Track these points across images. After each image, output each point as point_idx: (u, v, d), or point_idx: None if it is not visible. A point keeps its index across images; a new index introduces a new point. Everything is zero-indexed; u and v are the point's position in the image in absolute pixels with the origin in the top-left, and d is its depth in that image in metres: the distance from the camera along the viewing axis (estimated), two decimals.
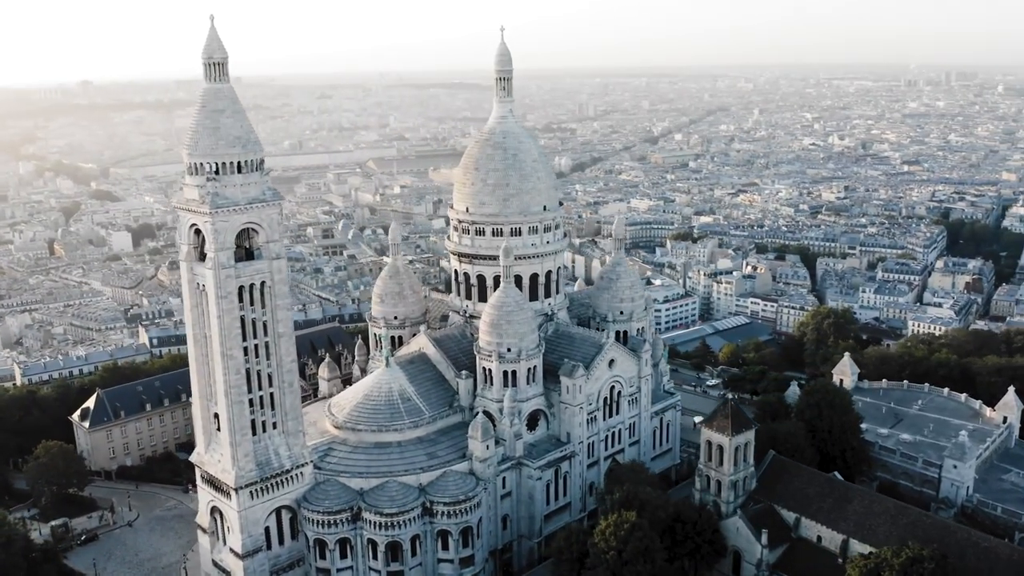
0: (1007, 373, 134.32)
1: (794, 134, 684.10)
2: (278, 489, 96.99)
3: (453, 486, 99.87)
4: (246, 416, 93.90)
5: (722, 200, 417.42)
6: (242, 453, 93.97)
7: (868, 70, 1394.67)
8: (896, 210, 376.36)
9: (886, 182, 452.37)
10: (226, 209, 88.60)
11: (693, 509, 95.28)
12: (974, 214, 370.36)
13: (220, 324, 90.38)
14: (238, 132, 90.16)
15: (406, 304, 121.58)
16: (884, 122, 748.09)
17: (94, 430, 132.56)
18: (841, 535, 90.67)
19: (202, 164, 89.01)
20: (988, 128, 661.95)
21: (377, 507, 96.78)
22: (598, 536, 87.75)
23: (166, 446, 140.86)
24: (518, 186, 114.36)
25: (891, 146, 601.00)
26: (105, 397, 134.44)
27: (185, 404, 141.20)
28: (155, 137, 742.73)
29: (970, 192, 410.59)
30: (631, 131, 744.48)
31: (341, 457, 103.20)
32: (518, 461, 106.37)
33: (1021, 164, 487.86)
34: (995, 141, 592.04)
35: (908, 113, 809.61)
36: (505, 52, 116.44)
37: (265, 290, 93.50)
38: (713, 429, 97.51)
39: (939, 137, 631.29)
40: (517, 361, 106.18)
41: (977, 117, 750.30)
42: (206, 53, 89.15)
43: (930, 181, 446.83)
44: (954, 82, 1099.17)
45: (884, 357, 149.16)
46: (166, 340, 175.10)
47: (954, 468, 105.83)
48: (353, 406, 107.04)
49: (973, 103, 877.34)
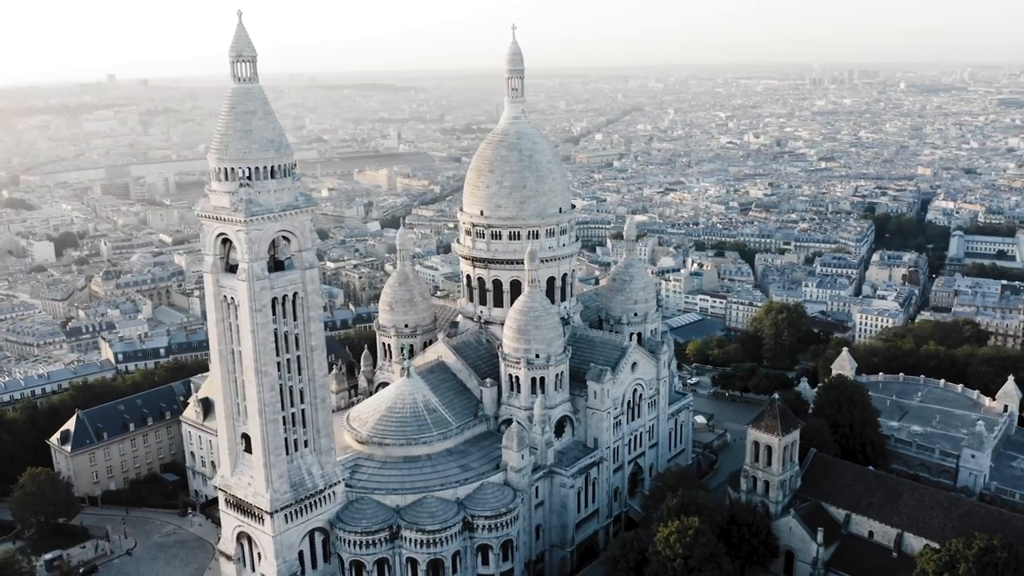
0: (996, 363, 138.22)
1: (710, 133, 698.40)
2: (312, 510, 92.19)
3: (493, 499, 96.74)
4: (280, 435, 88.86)
5: (652, 199, 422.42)
6: (276, 475, 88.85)
7: (774, 69, 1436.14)
8: (823, 205, 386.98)
9: (807, 178, 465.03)
10: (260, 217, 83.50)
11: (748, 511, 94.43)
12: (898, 208, 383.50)
13: (254, 339, 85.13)
14: (271, 135, 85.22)
15: (416, 312, 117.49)
16: (795, 120, 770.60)
17: (76, 454, 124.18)
18: (895, 529, 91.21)
19: (233, 169, 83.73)
20: (896, 124, 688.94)
21: (418, 524, 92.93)
22: (661, 544, 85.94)
23: (150, 467, 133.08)
24: (535, 188, 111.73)
25: (805, 143, 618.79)
26: (86, 418, 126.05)
27: (169, 423, 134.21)
28: (63, 143, 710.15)
29: (891, 187, 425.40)
30: (551, 131, 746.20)
31: (371, 474, 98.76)
32: (550, 470, 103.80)
33: (933, 159, 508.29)
34: (904, 137, 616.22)
35: (817, 111, 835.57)
36: (517, 51, 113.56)
37: (297, 301, 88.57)
38: (761, 430, 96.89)
39: (850, 134, 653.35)
40: (546, 367, 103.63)
41: (884, 114, 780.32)
42: (235, 50, 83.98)
43: (848, 177, 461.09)
44: (857, 80, 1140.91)
45: (872, 350, 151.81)
46: (132, 356, 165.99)
47: (972, 457, 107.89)
48: (377, 419, 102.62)
49: (878, 100, 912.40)
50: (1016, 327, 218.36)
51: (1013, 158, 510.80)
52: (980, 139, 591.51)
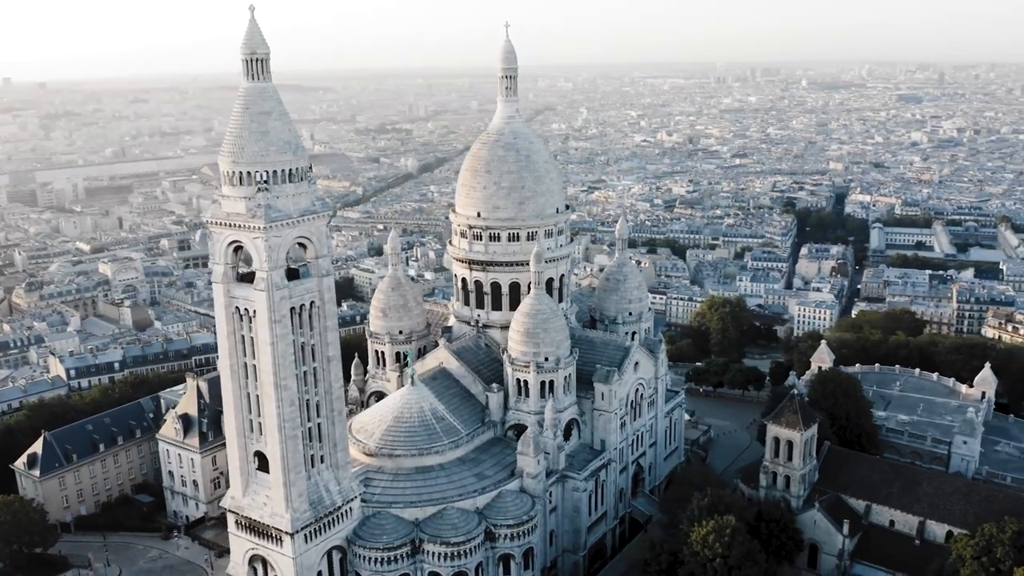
0: (964, 351, 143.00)
1: (624, 131, 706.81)
2: (330, 528, 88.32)
3: (513, 507, 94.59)
4: (300, 452, 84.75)
5: (577, 197, 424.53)
6: (296, 493, 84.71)
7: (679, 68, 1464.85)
8: (744, 201, 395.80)
9: (724, 175, 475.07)
10: (279, 223, 79.33)
11: (775, 507, 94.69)
12: (817, 202, 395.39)
13: (273, 352, 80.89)
14: (287, 136, 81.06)
15: (411, 317, 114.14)
16: (705, 118, 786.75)
17: (45, 478, 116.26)
18: (917, 517, 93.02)
19: (249, 173, 79.32)
20: (802, 121, 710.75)
21: (441, 537, 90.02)
22: (697, 544, 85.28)
23: (122, 489, 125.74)
24: (533, 188, 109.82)
25: (717, 140, 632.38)
26: (53, 440, 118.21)
27: (140, 441, 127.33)
28: None
29: (807, 182, 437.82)
30: (467, 131, 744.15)
31: (385, 486, 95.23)
32: (562, 474, 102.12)
33: (842, 154, 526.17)
34: (811, 133, 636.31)
35: (724, 109, 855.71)
36: (510, 50, 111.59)
37: (314, 311, 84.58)
38: (782, 425, 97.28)
39: (759, 131, 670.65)
40: (555, 370, 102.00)
41: (789, 111, 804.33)
42: (248, 48, 79.44)
43: (764, 173, 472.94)
44: (760, 78, 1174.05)
45: (841, 342, 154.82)
46: (85, 371, 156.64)
47: (964, 444, 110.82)
48: (384, 430, 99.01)
49: (782, 97, 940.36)
50: (949, 315, 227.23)
51: (917, 152, 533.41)
52: (884, 134, 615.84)
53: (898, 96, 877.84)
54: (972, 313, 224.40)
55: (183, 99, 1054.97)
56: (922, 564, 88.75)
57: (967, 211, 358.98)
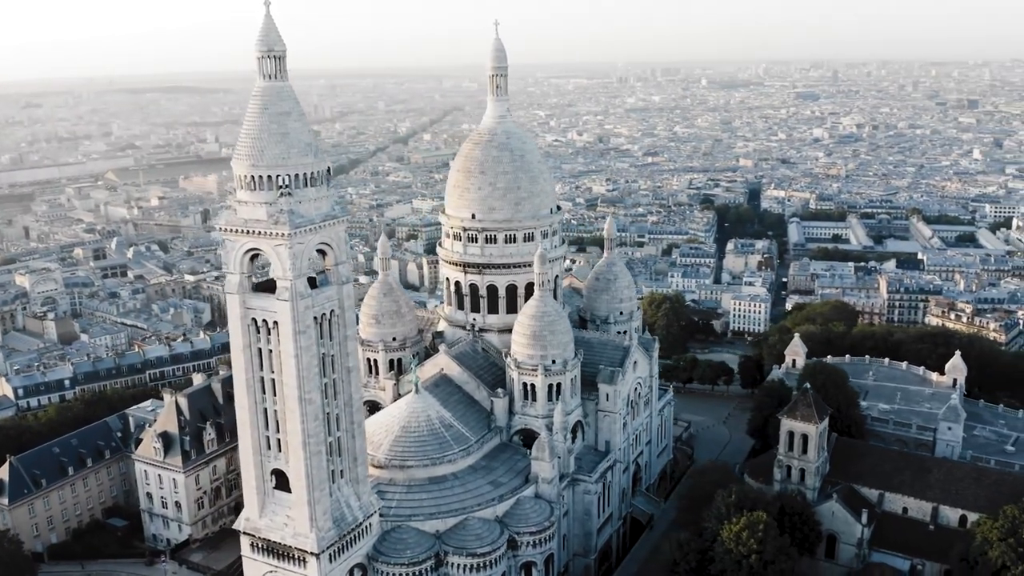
0: (928, 340, 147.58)
1: (535, 131, 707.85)
2: (353, 546, 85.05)
3: (534, 514, 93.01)
4: (324, 468, 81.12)
5: None
6: (320, 511, 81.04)
7: (580, 68, 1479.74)
8: (663, 199, 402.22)
9: (639, 173, 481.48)
10: (303, 229, 75.58)
11: (795, 500, 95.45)
12: (734, 199, 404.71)
13: (297, 364, 77.06)
14: (307, 138, 77.38)
15: (404, 323, 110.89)
16: (612, 117, 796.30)
17: (15, 506, 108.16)
18: (930, 503, 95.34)
19: (270, 177, 75.16)
20: (707, 119, 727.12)
21: (467, 548, 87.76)
22: (731, 541, 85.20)
23: (92, 514, 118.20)
24: (529, 189, 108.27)
25: (627, 139, 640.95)
26: (20, 465, 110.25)
27: (110, 462, 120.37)
28: None
29: (721, 179, 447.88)
30: (376, 132, 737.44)
31: (400, 499, 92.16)
32: (573, 477, 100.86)
33: (748, 151, 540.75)
34: (717, 131, 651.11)
35: (630, 108, 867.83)
36: (500, 48, 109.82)
37: (334, 320, 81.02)
38: (797, 419, 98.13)
39: (666, 129, 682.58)
40: (563, 373, 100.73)
41: (692, 109, 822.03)
42: (265, 45, 75.35)
43: (677, 170, 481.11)
44: (660, 78, 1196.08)
45: (807, 336, 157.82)
46: (34, 390, 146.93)
47: (949, 430, 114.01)
48: (392, 441, 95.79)
49: (684, 96, 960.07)
50: (880, 305, 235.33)
51: (820, 147, 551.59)
52: (787, 131, 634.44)
53: (796, 94, 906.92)
54: (903, 303, 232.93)
55: (77, 103, 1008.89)
56: (939, 548, 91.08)
57: (878, 204, 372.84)
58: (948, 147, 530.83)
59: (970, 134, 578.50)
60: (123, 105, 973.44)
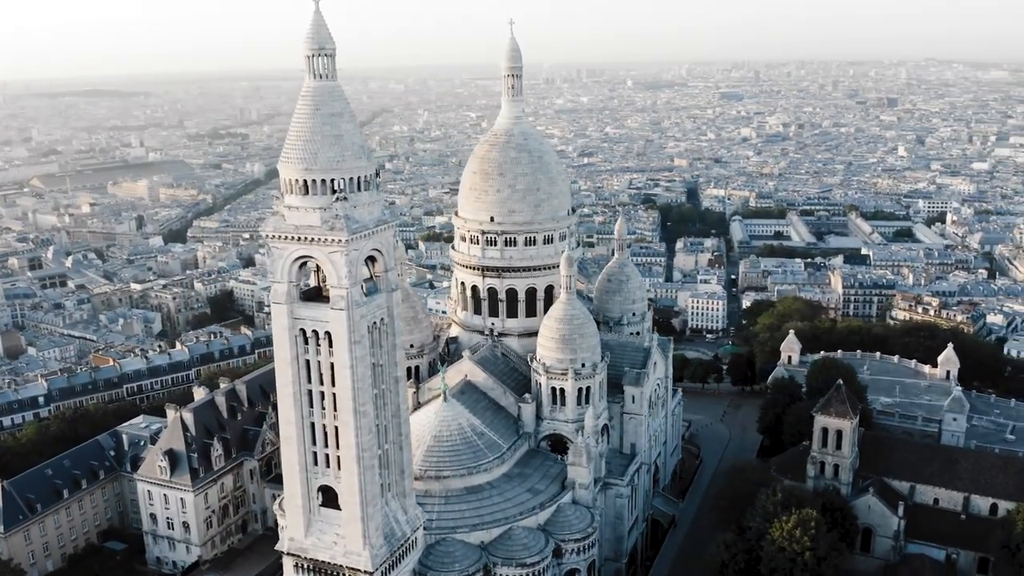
0: (914, 333, 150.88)
1: (467, 132, 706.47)
2: (402, 562, 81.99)
3: (576, 521, 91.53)
4: (377, 483, 78.09)
5: (442, 199, 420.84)
6: (373, 528, 77.99)
7: None
8: (606, 199, 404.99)
9: (576, 174, 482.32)
10: (359, 235, 72.56)
11: (835, 496, 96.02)
12: (675, 198, 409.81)
13: (352, 375, 73.92)
14: (359, 140, 74.38)
15: (420, 329, 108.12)
16: (542, 118, 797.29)
17: (10, 533, 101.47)
18: (961, 493, 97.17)
19: (324, 181, 71.86)
20: (636, 120, 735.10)
21: (516, 558, 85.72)
22: (783, 540, 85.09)
23: (88, 538, 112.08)
24: (548, 190, 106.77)
25: (560, 140, 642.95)
26: (13, 489, 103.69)
27: (104, 483, 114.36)
28: None
29: (660, 178, 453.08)
30: None
31: (440, 511, 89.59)
32: (604, 481, 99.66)
33: (680, 150, 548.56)
34: (647, 132, 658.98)
35: (559, 109, 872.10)
36: (516, 48, 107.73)
37: (383, 328, 78.08)
38: (831, 415, 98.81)
39: (597, 130, 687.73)
40: (592, 376, 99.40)
41: (621, 110, 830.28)
42: (315, 43, 72.12)
43: (614, 171, 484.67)
44: (586, 79, 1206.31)
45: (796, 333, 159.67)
46: (7, 408, 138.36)
47: (954, 420, 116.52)
48: (425, 451, 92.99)
49: (611, 97, 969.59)
50: (836, 300, 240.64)
51: (749, 147, 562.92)
52: (715, 130, 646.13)
53: (720, 94, 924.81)
54: (858, 297, 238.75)
55: None
56: (972, 537, 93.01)
57: (816, 201, 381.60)
58: (873, 145, 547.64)
59: (893, 132, 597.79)
60: (40, 110, 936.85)
